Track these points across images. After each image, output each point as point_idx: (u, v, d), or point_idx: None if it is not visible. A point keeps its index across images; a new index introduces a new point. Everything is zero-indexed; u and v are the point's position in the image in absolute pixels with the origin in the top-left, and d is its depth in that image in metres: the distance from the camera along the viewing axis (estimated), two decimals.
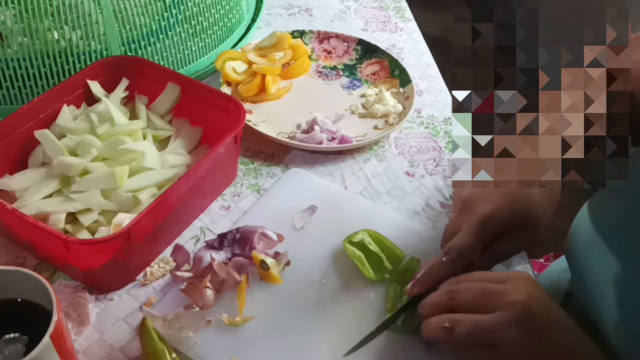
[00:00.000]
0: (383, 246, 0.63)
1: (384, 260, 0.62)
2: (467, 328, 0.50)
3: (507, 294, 0.51)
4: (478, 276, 0.55)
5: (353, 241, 0.63)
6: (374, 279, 0.61)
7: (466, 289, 0.53)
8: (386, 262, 0.62)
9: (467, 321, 0.50)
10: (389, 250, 0.63)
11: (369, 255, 0.62)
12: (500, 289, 0.52)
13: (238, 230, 0.63)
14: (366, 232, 0.64)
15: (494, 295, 0.51)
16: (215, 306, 0.57)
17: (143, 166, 0.64)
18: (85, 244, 0.54)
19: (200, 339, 0.55)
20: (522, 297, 0.50)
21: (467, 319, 0.50)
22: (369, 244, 0.63)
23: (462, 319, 0.51)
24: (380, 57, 0.88)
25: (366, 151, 0.78)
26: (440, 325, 0.51)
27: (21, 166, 0.65)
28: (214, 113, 0.69)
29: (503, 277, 0.53)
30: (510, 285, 0.52)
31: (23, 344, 0.44)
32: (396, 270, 0.62)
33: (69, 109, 0.68)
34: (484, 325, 0.50)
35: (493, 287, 0.52)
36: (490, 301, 0.51)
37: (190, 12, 0.79)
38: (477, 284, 0.53)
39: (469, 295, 0.52)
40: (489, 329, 0.49)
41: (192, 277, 0.59)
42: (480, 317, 0.50)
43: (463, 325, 0.50)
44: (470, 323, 0.50)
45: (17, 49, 0.71)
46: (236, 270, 0.59)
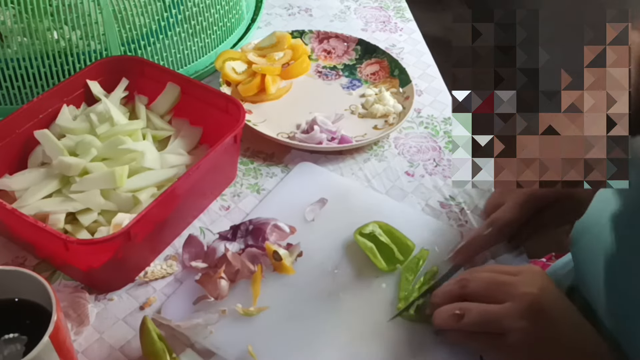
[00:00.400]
0: (393, 237, 0.64)
1: (395, 251, 0.63)
2: (476, 317, 0.51)
3: (517, 286, 0.51)
4: (492, 267, 0.56)
5: (364, 232, 0.64)
6: (386, 269, 0.62)
7: (478, 278, 0.54)
8: (397, 253, 0.63)
9: (476, 310, 0.51)
10: (399, 241, 0.64)
11: (380, 246, 0.63)
12: (511, 280, 0.52)
13: (251, 222, 0.64)
14: (376, 223, 0.65)
15: (504, 286, 0.52)
16: (229, 296, 0.58)
17: (143, 166, 0.64)
18: (85, 244, 0.54)
19: (215, 328, 0.56)
20: (532, 290, 0.50)
21: (477, 308, 0.51)
22: (379, 235, 0.64)
23: (472, 307, 0.52)
24: (380, 57, 0.88)
25: (366, 151, 0.78)
26: (450, 313, 0.52)
27: (21, 166, 0.65)
28: (213, 113, 0.69)
29: (515, 269, 0.54)
30: (521, 278, 0.52)
31: (22, 344, 0.44)
32: (407, 261, 0.63)
33: (68, 109, 0.68)
34: (493, 315, 0.50)
35: (504, 278, 0.53)
36: (501, 292, 0.51)
37: (190, 12, 0.79)
38: (488, 275, 0.54)
39: (480, 284, 0.53)
40: (497, 319, 0.50)
41: (207, 267, 0.60)
42: (490, 306, 0.51)
43: (473, 313, 0.51)
44: (479, 312, 0.51)
45: (17, 49, 0.70)
46: (250, 261, 0.60)
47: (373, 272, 0.62)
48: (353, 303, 0.60)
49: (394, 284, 0.61)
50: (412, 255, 0.64)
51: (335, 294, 0.60)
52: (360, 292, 0.61)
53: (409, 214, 0.69)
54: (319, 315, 0.58)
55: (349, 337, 0.57)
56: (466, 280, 0.54)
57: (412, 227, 0.66)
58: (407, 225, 0.66)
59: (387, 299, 0.60)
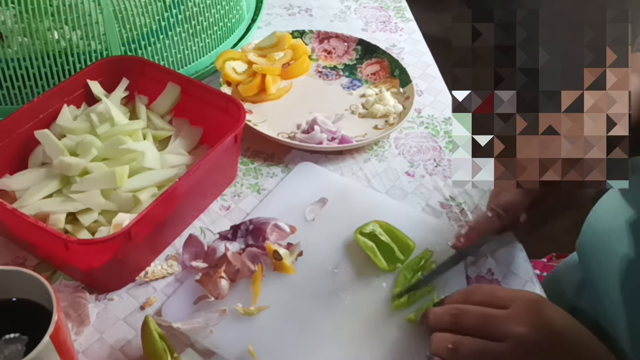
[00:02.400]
0: (394, 237, 0.64)
1: (396, 251, 0.63)
2: (469, 351, 0.51)
3: (509, 322, 0.50)
4: (485, 293, 0.55)
5: (364, 232, 0.64)
6: (386, 269, 0.62)
7: (470, 313, 0.53)
8: (397, 252, 0.63)
9: (470, 345, 0.51)
10: (400, 241, 0.64)
11: (381, 246, 0.63)
12: (503, 315, 0.51)
13: (251, 221, 0.64)
14: (377, 223, 0.65)
15: (496, 322, 0.51)
16: (229, 296, 0.58)
17: (143, 166, 0.64)
18: (85, 244, 0.54)
19: (215, 328, 0.56)
20: (522, 330, 0.50)
21: (470, 343, 0.51)
22: (380, 235, 0.64)
23: (466, 342, 0.51)
24: (380, 57, 0.88)
25: (366, 151, 0.78)
26: (444, 345, 0.52)
27: (21, 166, 0.65)
28: (214, 113, 0.69)
29: (510, 296, 0.53)
30: (513, 312, 0.51)
31: (23, 344, 0.44)
32: (408, 260, 0.63)
33: (69, 109, 0.68)
34: (486, 353, 0.50)
35: (496, 313, 0.52)
36: (493, 327, 0.51)
37: (190, 12, 0.79)
38: (479, 310, 0.53)
39: (472, 320, 0.52)
40: (491, 357, 0.50)
41: (207, 267, 0.60)
42: (483, 343, 0.51)
43: (466, 348, 0.51)
44: (473, 348, 0.51)
45: (17, 49, 0.71)
46: (250, 261, 0.60)
47: (373, 272, 0.62)
48: (353, 302, 0.60)
49: (394, 283, 0.61)
50: (412, 254, 0.64)
51: (336, 294, 0.60)
52: (360, 291, 0.61)
53: (409, 214, 0.69)
54: (319, 314, 0.59)
55: (349, 337, 0.57)
56: (458, 314, 0.53)
57: (412, 227, 0.66)
58: (407, 226, 0.66)
59: (387, 299, 0.60)
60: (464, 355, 0.51)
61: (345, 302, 0.60)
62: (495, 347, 0.50)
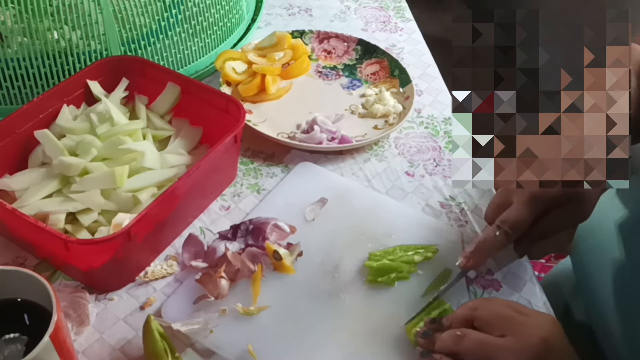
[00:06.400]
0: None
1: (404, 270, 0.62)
2: (472, 344, 0.50)
3: (524, 325, 0.51)
4: (506, 302, 0.55)
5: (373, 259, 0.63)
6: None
7: (487, 307, 0.53)
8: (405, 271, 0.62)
9: (475, 337, 0.51)
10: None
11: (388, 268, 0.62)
12: (520, 319, 0.52)
13: (251, 221, 0.64)
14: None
15: (511, 322, 0.51)
16: (229, 296, 0.58)
17: (143, 166, 0.64)
18: (85, 244, 0.54)
19: (215, 328, 0.56)
20: (537, 331, 0.50)
21: (476, 335, 0.51)
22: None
23: (472, 334, 0.51)
24: (380, 57, 0.88)
25: (366, 151, 0.78)
26: (453, 334, 0.52)
27: (21, 166, 0.65)
28: (213, 113, 0.69)
29: (528, 310, 0.54)
30: (531, 319, 0.52)
31: (23, 344, 0.44)
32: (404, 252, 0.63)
33: (68, 109, 0.68)
34: (489, 346, 0.50)
35: (514, 315, 0.52)
36: (506, 325, 0.51)
37: (190, 12, 0.79)
38: (500, 308, 0.53)
39: (488, 313, 0.52)
40: (493, 352, 0.49)
41: (207, 267, 0.60)
42: (489, 337, 0.50)
43: (470, 339, 0.51)
44: (477, 339, 0.51)
45: (17, 49, 0.70)
46: (250, 260, 0.60)
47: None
48: (353, 303, 0.60)
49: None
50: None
51: (336, 294, 0.60)
52: (360, 291, 0.61)
53: (409, 214, 0.69)
54: (319, 314, 0.59)
55: (349, 337, 0.57)
56: (475, 307, 0.53)
57: (412, 227, 0.66)
58: (407, 226, 0.66)
59: (387, 298, 0.60)
60: (467, 345, 0.50)
61: (345, 302, 0.60)
62: (500, 342, 0.49)
